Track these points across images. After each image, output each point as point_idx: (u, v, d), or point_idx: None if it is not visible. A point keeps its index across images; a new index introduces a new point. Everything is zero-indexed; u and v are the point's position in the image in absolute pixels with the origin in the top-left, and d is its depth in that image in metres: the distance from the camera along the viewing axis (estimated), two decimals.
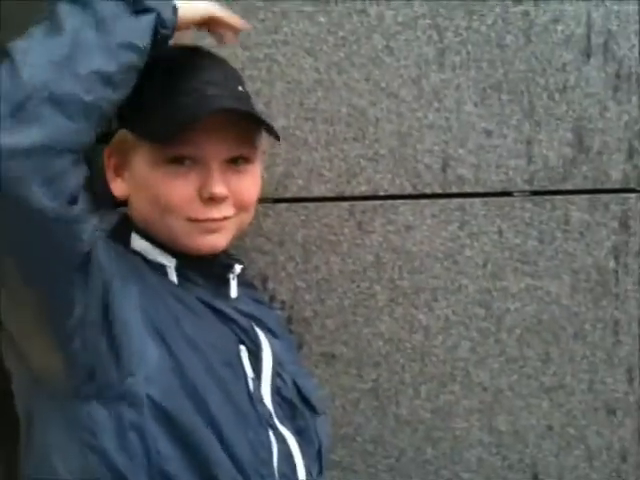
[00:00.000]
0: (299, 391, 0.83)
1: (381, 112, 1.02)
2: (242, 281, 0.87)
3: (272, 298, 1.06)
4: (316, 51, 1.01)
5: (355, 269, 1.05)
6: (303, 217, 1.05)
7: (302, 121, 1.03)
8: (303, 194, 1.05)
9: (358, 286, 1.05)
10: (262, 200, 1.06)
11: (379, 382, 1.07)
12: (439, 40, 1.02)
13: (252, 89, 1.01)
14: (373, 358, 1.07)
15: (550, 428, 1.07)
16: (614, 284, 1.02)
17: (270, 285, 1.06)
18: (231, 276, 0.84)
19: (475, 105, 1.00)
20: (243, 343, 0.79)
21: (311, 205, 1.06)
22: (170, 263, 0.79)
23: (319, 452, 0.83)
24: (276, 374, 0.80)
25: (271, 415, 0.77)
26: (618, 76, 0.98)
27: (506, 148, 1.01)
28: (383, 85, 1.01)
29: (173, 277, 0.79)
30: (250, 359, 0.78)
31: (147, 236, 0.78)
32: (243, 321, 0.80)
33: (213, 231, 0.78)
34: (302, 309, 1.06)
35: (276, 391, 0.79)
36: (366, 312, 1.06)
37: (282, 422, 0.77)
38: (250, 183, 0.80)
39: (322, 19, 0.99)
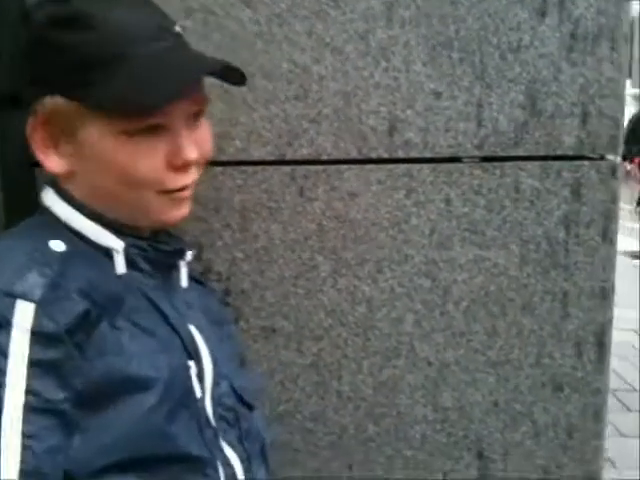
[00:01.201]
0: (235, 392, 0.82)
1: (325, 69, 0.97)
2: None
3: (208, 270, 1.02)
4: (256, 2, 0.95)
5: (296, 238, 1.02)
6: (240, 181, 1.01)
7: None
8: (241, 157, 1.00)
9: (299, 256, 1.02)
10: None
11: (320, 356, 1.05)
12: None
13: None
14: (314, 332, 1.04)
15: (496, 404, 1.05)
16: (564, 255, 1.00)
17: (205, 255, 1.02)
18: (182, 264, 0.81)
19: (424, 64, 0.96)
20: (190, 357, 0.76)
21: (249, 169, 1.01)
22: (118, 247, 0.74)
23: (262, 449, 0.83)
24: (215, 384, 0.79)
25: (216, 435, 0.76)
26: (574, 36, 0.95)
27: (456, 111, 0.97)
28: (327, 40, 0.97)
29: (121, 263, 0.75)
30: (197, 376, 0.76)
31: (87, 213, 0.74)
32: (187, 330, 0.78)
33: (185, 200, 0.76)
34: (240, 281, 1.03)
35: (217, 401, 0.79)
36: (307, 284, 1.03)
37: (226, 438, 0.77)
38: (208, 136, 0.77)
39: None
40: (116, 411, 0.66)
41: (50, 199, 0.76)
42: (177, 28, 0.74)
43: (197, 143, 0.73)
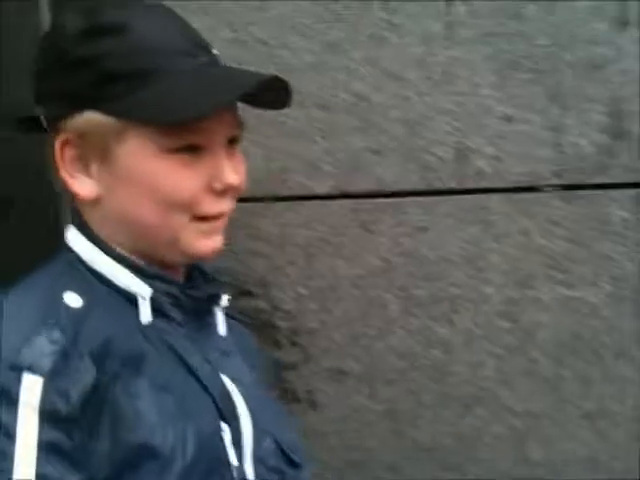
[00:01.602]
0: (282, 451, 0.86)
1: (385, 98, 1.10)
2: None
3: (274, 307, 1.18)
4: (310, 30, 1.10)
5: (362, 275, 1.15)
6: (303, 217, 1.17)
7: (297, 110, 1.15)
8: (302, 192, 1.23)
9: (366, 294, 1.14)
10: (259, 199, 1.17)
11: (395, 402, 1.17)
12: (446, 12, 1.10)
13: None
14: (387, 375, 1.20)
15: (592, 460, 1.11)
16: None
17: (271, 293, 1.17)
18: (217, 309, 0.87)
19: (492, 86, 1.06)
20: (225, 420, 0.79)
21: (311, 204, 1.23)
22: (145, 293, 0.79)
23: None
24: (257, 443, 0.83)
25: None
26: None
27: (530, 136, 1.08)
28: (386, 66, 1.10)
29: (146, 312, 0.79)
30: (233, 440, 0.79)
31: (113, 255, 0.80)
32: (220, 386, 0.82)
33: (218, 231, 0.82)
34: (307, 319, 1.21)
35: (260, 462, 0.83)
36: (377, 323, 1.17)
37: None
38: (243, 164, 0.84)
39: None
40: None
41: (73, 238, 0.82)
42: (214, 51, 0.83)
43: (235, 169, 0.80)
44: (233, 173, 0.79)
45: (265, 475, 0.83)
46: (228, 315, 0.95)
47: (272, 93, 0.81)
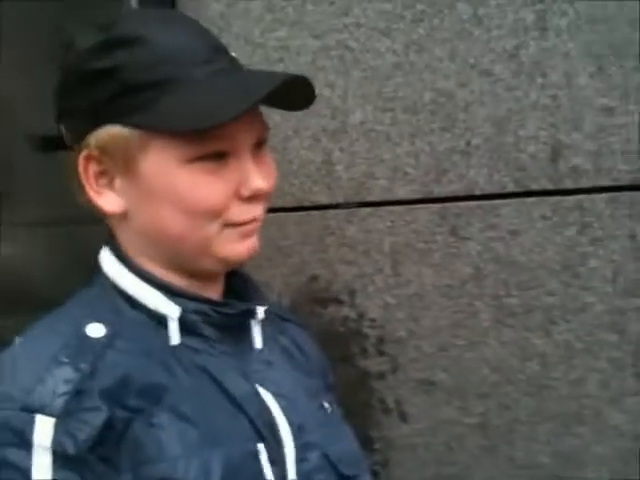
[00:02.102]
0: (332, 464, 0.81)
1: (472, 95, 1.04)
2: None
3: (361, 316, 1.13)
4: (392, 31, 1.04)
5: (451, 283, 1.08)
6: (389, 223, 1.10)
7: (381, 113, 1.12)
8: (387, 197, 1.15)
9: (456, 303, 1.09)
10: (344, 205, 1.13)
11: (488, 417, 1.08)
12: (538, 0, 0.97)
13: (325, 82, 1.11)
14: (479, 389, 1.10)
15: None
16: None
17: (358, 300, 1.12)
18: (253, 323, 0.82)
19: (590, 76, 0.96)
20: (262, 439, 0.75)
21: (397, 209, 1.17)
22: (172, 314, 0.76)
23: None
24: (301, 460, 0.78)
25: None
26: None
27: (633, 128, 0.94)
28: (472, 62, 1.03)
29: (175, 333, 0.75)
30: (270, 459, 0.75)
31: (141, 274, 0.78)
32: (258, 404, 0.78)
33: (251, 234, 0.78)
34: (394, 328, 1.15)
35: (305, 478, 0.78)
36: (467, 333, 1.10)
37: None
38: (273, 168, 0.80)
39: None
40: None
41: (104, 258, 0.81)
42: (232, 54, 0.79)
43: (263, 174, 0.77)
44: (260, 178, 0.75)
45: None
46: (282, 318, 0.93)
47: (296, 93, 0.77)
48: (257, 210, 0.78)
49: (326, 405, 0.88)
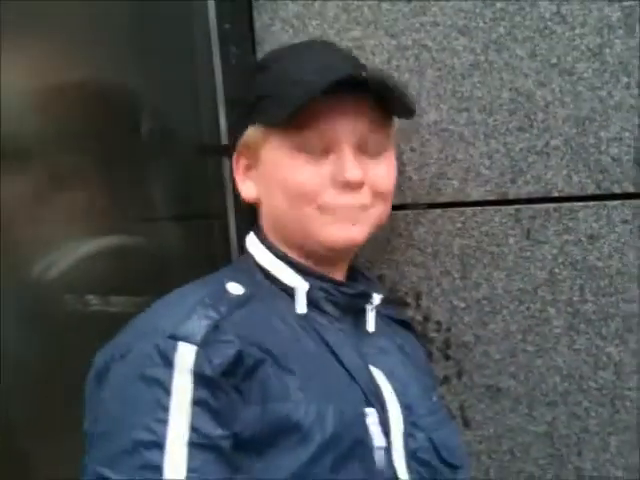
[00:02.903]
0: (435, 448, 0.86)
1: (552, 94, 0.98)
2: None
3: (426, 318, 1.07)
4: (471, 29, 1.00)
5: (523, 287, 1.04)
6: (459, 224, 1.06)
7: (456, 112, 1.09)
8: (459, 197, 1.11)
9: (528, 308, 1.02)
10: (413, 206, 1.07)
11: (555, 426, 1.02)
12: None
13: (400, 81, 1.01)
14: (548, 396, 1.06)
15: None
16: None
17: (424, 303, 1.06)
18: (369, 307, 0.90)
19: None
20: (370, 404, 0.81)
21: (468, 210, 1.11)
22: (301, 287, 0.85)
23: None
24: (409, 435, 0.83)
25: None
26: None
27: None
28: (554, 61, 0.99)
29: (302, 303, 0.85)
30: (379, 424, 0.81)
31: (277, 254, 0.88)
32: (368, 376, 0.84)
33: (350, 221, 0.84)
34: (461, 332, 1.09)
35: (411, 455, 0.83)
36: (538, 340, 1.05)
37: None
38: (385, 171, 0.88)
39: None
40: (278, 457, 0.74)
41: (249, 240, 0.92)
42: (363, 72, 0.85)
43: (369, 173, 0.84)
44: (356, 170, 0.82)
45: (417, 467, 0.83)
46: (396, 321, 1.00)
47: (398, 100, 0.84)
48: (353, 199, 0.83)
49: (434, 399, 0.94)
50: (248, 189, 0.91)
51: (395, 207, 1.15)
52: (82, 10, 1.13)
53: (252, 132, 0.88)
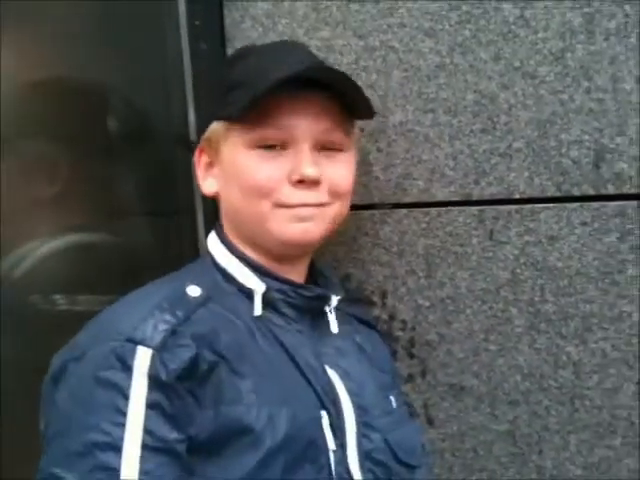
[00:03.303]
0: (391, 449, 0.87)
1: (515, 97, 0.99)
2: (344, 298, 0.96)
3: (392, 317, 1.07)
4: (437, 32, 1.01)
5: (486, 287, 1.04)
6: (424, 224, 1.05)
7: (421, 114, 1.09)
8: (424, 198, 1.10)
9: (490, 307, 1.03)
10: (379, 205, 1.08)
11: (517, 424, 1.02)
12: (587, 3, 0.94)
13: (367, 82, 1.08)
14: (510, 395, 1.05)
15: None
16: None
17: (389, 302, 1.07)
18: (327, 309, 0.90)
19: (637, 81, 0.91)
20: (325, 408, 0.82)
21: (433, 210, 1.12)
22: (259, 289, 0.85)
23: None
24: (363, 436, 0.85)
25: None
26: None
27: None
28: (517, 64, 1.00)
29: (258, 306, 0.84)
30: (332, 427, 0.82)
31: (235, 253, 0.88)
32: (323, 379, 0.84)
33: (304, 219, 0.84)
34: (425, 331, 1.10)
35: (366, 456, 0.84)
36: (500, 339, 1.05)
37: None
38: (345, 170, 0.88)
39: None
40: (230, 460, 0.75)
41: (210, 239, 0.92)
42: (324, 71, 0.87)
43: (327, 171, 0.84)
44: (312, 167, 0.82)
45: (372, 467, 0.84)
46: (359, 320, 1.01)
47: (358, 100, 0.86)
48: (310, 197, 0.83)
49: (392, 398, 0.94)
50: (209, 185, 0.90)
51: (362, 207, 1.16)
52: (53, 6, 1.13)
53: (214, 128, 0.88)
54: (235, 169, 0.85)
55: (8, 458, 1.06)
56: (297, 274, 0.92)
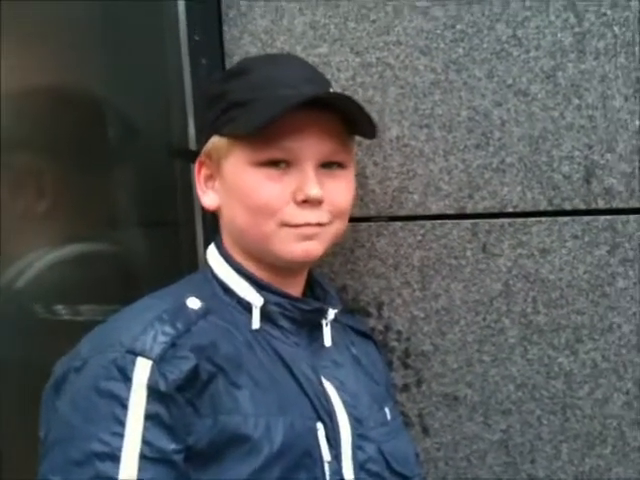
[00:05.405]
0: (385, 459, 0.88)
1: (508, 114, 1.02)
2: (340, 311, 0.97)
3: (387, 328, 1.09)
4: (432, 49, 1.03)
5: (479, 299, 1.06)
6: (419, 237, 1.08)
7: (417, 129, 1.11)
8: (419, 211, 1.14)
9: (484, 319, 1.05)
10: (375, 218, 1.10)
11: (510, 434, 1.04)
12: (577, 23, 0.96)
13: (364, 97, 1.10)
14: (503, 405, 1.07)
15: None
16: None
17: (385, 313, 1.09)
18: (324, 322, 0.91)
19: (625, 99, 0.92)
20: (321, 420, 0.84)
21: (428, 223, 1.14)
22: (257, 302, 0.86)
23: None
24: (357, 447, 0.86)
25: None
26: None
27: None
28: (510, 82, 1.02)
29: (256, 319, 0.86)
30: (327, 438, 0.83)
31: (234, 266, 0.89)
32: (319, 391, 0.86)
33: (308, 238, 0.86)
34: (420, 342, 1.12)
35: (361, 467, 0.85)
36: (494, 350, 1.07)
37: None
38: (345, 188, 0.90)
39: (438, 13, 1.09)
40: (227, 469, 0.76)
41: (210, 251, 0.93)
42: (331, 89, 0.89)
43: (329, 191, 0.85)
44: (316, 187, 0.83)
45: (367, 478, 0.85)
46: (356, 331, 1.03)
47: (366, 119, 0.86)
48: (312, 216, 0.85)
49: (387, 410, 0.96)
50: (210, 200, 0.91)
51: (358, 219, 1.18)
52: (55, 18, 1.15)
53: (216, 142, 0.88)
54: (239, 187, 0.86)
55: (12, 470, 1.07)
56: (296, 286, 0.94)
